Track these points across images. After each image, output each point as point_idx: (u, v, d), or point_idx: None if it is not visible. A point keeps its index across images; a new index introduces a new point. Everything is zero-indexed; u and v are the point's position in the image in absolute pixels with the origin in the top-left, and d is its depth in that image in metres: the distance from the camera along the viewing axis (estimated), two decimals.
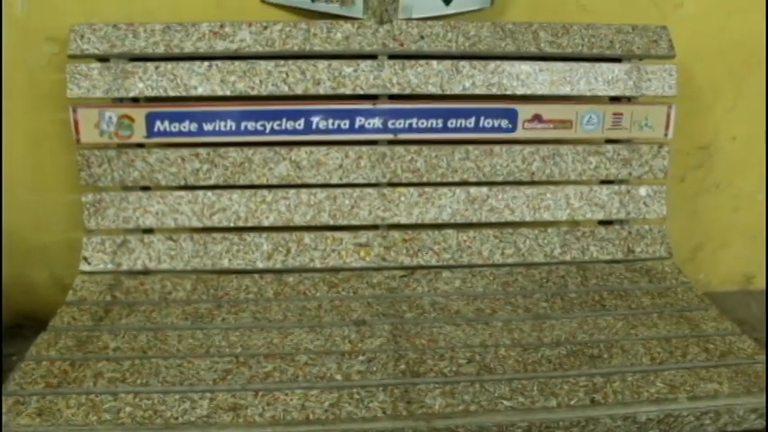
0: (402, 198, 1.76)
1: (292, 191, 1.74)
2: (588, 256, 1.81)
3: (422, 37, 1.68)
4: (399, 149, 1.74)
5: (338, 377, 1.36)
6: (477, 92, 1.72)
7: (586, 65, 1.75)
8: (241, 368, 1.38)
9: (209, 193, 1.72)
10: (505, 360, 1.41)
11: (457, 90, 1.71)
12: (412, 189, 1.76)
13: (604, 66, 1.76)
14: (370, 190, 1.75)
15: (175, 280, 1.69)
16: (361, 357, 1.42)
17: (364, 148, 1.73)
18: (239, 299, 1.63)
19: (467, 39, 1.69)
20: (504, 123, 1.74)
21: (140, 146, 1.70)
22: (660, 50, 1.75)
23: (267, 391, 1.32)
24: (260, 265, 1.73)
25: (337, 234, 1.76)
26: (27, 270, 1.99)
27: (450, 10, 1.74)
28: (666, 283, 1.74)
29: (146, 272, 1.71)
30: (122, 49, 1.63)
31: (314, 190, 1.74)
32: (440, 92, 1.71)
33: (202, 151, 1.71)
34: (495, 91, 1.72)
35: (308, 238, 1.75)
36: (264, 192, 1.74)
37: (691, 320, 1.57)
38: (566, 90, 1.74)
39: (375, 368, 1.38)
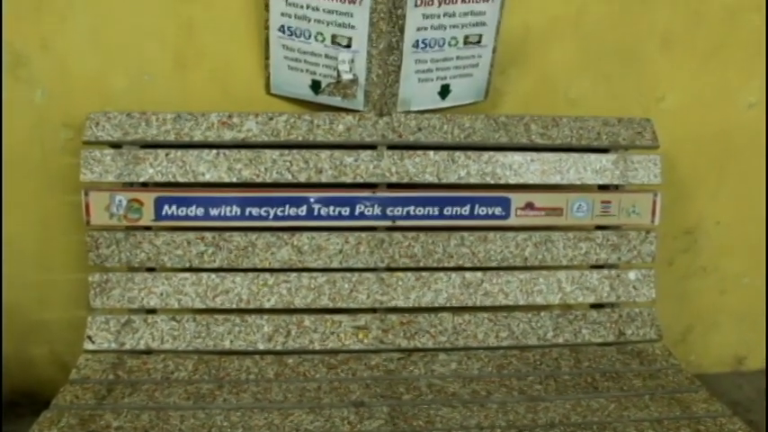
0: (400, 282, 1.80)
1: (293, 274, 1.78)
2: (581, 339, 1.84)
3: (419, 129, 1.76)
4: (397, 236, 1.79)
5: None
6: (472, 181, 1.79)
7: (575, 155, 1.83)
8: None
9: (213, 276, 1.76)
10: None
11: (453, 179, 1.78)
12: (409, 274, 1.80)
13: (592, 156, 1.84)
14: (368, 274, 1.79)
15: (178, 360, 1.71)
16: None
17: (363, 234, 1.78)
18: (240, 379, 1.65)
19: (462, 130, 1.77)
20: (498, 211, 1.80)
21: (148, 228, 1.75)
22: (645, 141, 1.84)
23: None
24: (261, 347, 1.75)
25: (336, 317, 1.79)
26: (27, 347, 2.00)
27: (446, 103, 1.83)
28: (657, 366, 1.77)
29: (148, 351, 1.73)
30: (135, 136, 1.70)
31: (314, 274, 1.78)
32: (436, 181, 1.77)
33: (208, 235, 1.75)
34: (489, 180, 1.79)
35: (308, 320, 1.78)
36: (267, 275, 1.77)
37: (682, 402, 1.60)
38: (556, 179, 1.82)
39: None
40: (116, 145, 1.71)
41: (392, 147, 1.76)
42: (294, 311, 1.79)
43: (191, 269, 1.76)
